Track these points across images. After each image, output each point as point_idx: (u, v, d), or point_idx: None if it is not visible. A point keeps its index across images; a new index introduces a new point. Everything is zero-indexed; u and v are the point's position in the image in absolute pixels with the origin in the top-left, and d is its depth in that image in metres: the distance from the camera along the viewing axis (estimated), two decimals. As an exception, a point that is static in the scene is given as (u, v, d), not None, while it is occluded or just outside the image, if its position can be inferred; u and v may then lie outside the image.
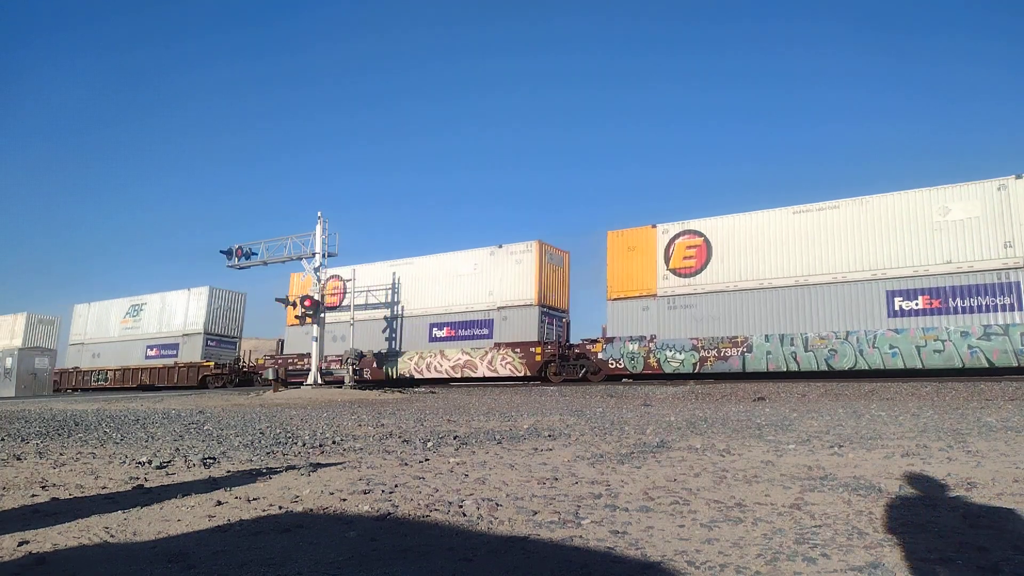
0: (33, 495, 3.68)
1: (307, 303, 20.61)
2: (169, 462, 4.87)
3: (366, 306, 24.28)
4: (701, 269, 18.68)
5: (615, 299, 19.70)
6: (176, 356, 29.72)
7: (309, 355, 22.36)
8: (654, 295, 19.16)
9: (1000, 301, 15.26)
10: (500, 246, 22.53)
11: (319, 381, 20.54)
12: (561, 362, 20.37)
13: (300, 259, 22.00)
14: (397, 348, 23.52)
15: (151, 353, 31.11)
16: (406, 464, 4.62)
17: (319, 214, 21.31)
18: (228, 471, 4.43)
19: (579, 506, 3.14)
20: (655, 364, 18.64)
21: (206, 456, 5.10)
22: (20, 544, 2.58)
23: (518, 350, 21.19)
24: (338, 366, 22.83)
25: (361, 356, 22.47)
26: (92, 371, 32.78)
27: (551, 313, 22.25)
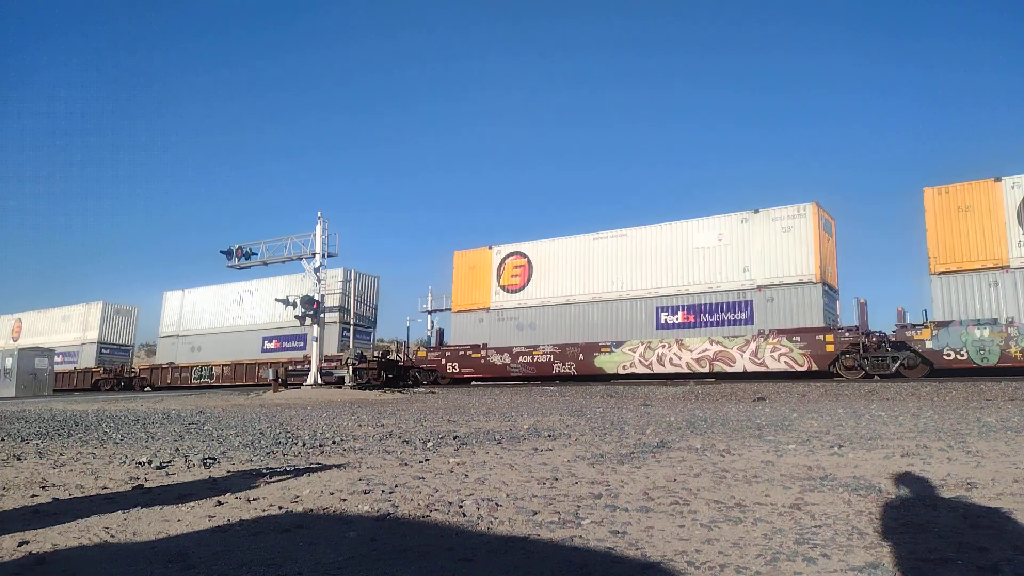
0: (33, 495, 3.67)
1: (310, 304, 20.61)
2: (169, 462, 4.87)
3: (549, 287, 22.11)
4: None
5: (944, 272, 15.76)
6: (304, 348, 25.24)
7: (482, 345, 22.06)
8: (1006, 267, 15.17)
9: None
10: (757, 211, 18.79)
11: (319, 381, 20.54)
12: (863, 352, 16.61)
13: (300, 259, 22.00)
14: (608, 337, 20.51)
15: (269, 346, 27.29)
16: (406, 464, 4.62)
17: (319, 214, 21.33)
18: (228, 471, 4.43)
19: (579, 506, 3.13)
20: (1019, 355, 14.61)
21: (206, 456, 5.10)
22: (20, 544, 2.58)
23: (797, 338, 17.38)
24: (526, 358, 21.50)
25: (362, 357, 22.47)
26: (193, 366, 29.54)
27: (830, 293, 18.56)
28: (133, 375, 32.65)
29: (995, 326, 14.89)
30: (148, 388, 30.70)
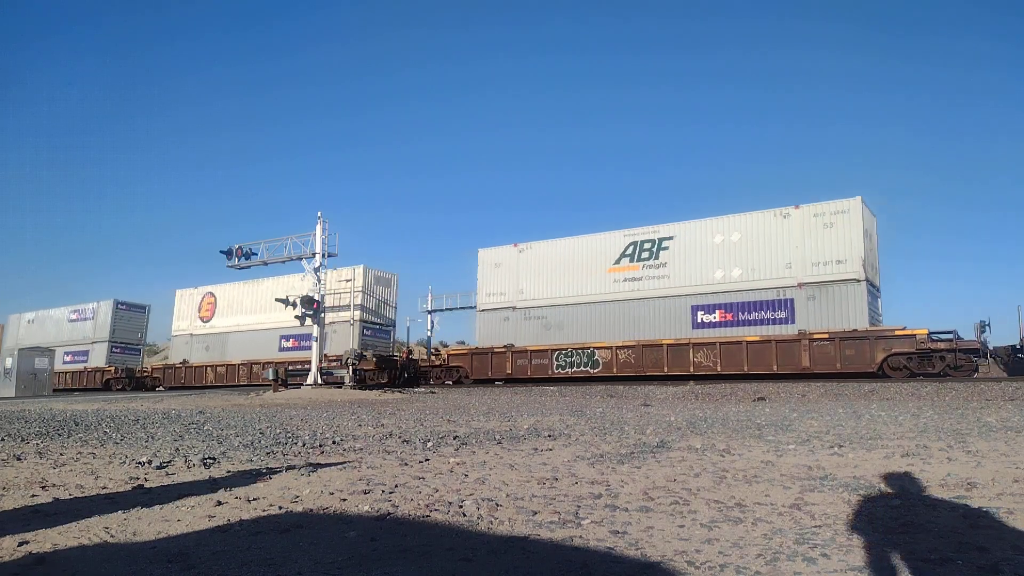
0: (33, 495, 3.67)
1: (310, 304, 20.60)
2: (169, 462, 4.87)
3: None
4: None
5: None
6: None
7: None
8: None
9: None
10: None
11: (319, 381, 20.54)
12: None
13: (300, 259, 21.99)
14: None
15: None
16: (406, 464, 4.62)
17: (319, 214, 21.28)
18: (228, 471, 4.43)
19: (579, 506, 3.13)
20: None
21: (206, 456, 5.10)
22: (20, 544, 2.58)
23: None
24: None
25: (361, 356, 22.46)
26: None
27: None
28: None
29: None
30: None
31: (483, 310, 23.37)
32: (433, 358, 24.94)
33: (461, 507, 3.15)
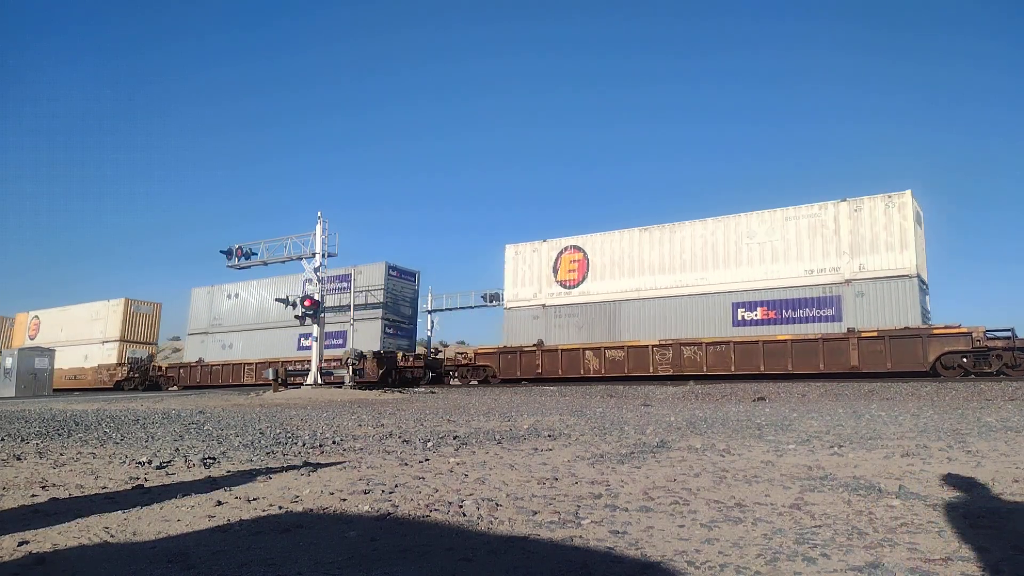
0: (33, 495, 3.67)
1: (307, 303, 20.59)
2: (169, 462, 4.87)
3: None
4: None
5: None
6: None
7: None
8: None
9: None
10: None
11: (319, 381, 20.53)
12: None
13: (300, 259, 21.98)
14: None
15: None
16: (406, 464, 4.62)
17: (319, 214, 21.26)
18: (228, 471, 4.43)
19: (579, 506, 3.14)
20: None
21: (206, 456, 5.10)
22: (20, 544, 2.58)
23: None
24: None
25: (361, 356, 22.44)
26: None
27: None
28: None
29: None
30: (175, 388, 29.70)
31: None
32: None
33: (461, 507, 3.15)
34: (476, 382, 22.62)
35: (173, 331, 48.63)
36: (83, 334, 33.80)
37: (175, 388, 29.73)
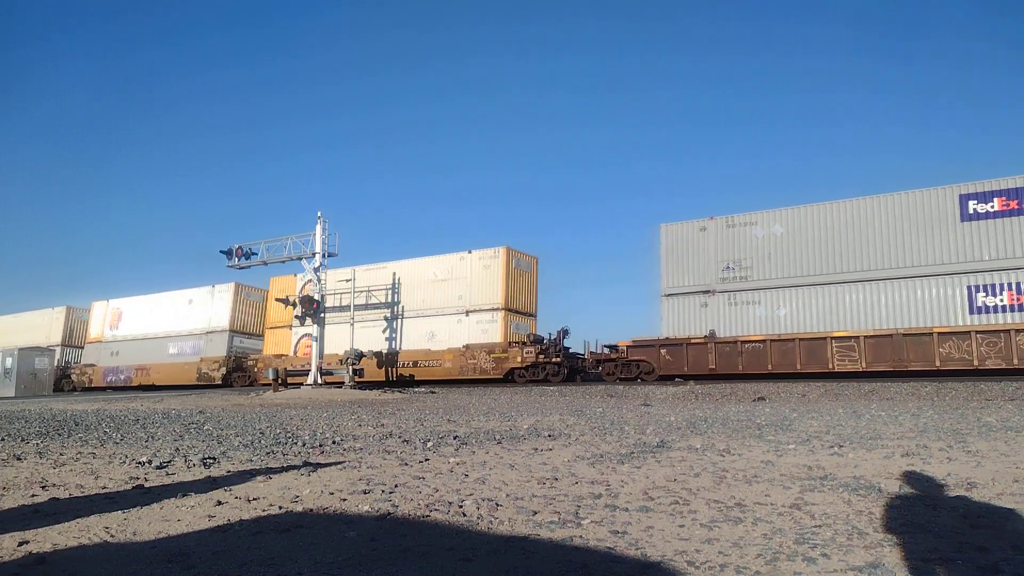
0: (33, 495, 3.68)
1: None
2: (169, 462, 4.87)
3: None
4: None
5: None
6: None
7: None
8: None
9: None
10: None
11: (319, 381, 20.54)
12: None
13: (300, 259, 21.98)
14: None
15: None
16: (406, 464, 4.62)
17: (319, 214, 21.26)
18: (228, 471, 4.43)
19: (579, 506, 3.14)
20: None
21: (206, 456, 5.10)
22: (20, 544, 2.58)
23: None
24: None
25: (361, 356, 22.45)
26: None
27: None
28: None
29: None
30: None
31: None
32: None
33: (461, 507, 3.15)
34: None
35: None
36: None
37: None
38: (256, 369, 26.73)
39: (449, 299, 22.82)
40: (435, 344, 22.72)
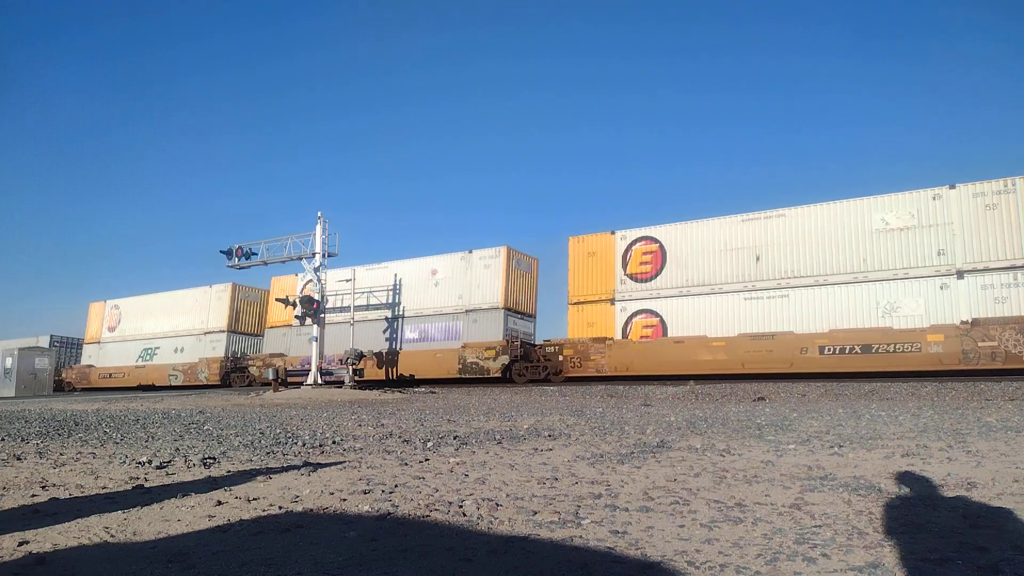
0: (33, 495, 3.68)
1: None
2: (169, 462, 4.87)
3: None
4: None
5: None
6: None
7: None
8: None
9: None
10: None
11: (319, 381, 20.54)
12: None
13: (300, 259, 21.99)
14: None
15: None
16: (406, 464, 4.62)
17: (319, 214, 21.26)
18: (228, 471, 4.43)
19: (579, 506, 3.14)
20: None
21: (206, 456, 5.10)
22: (20, 544, 2.58)
23: None
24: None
25: (360, 356, 22.44)
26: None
27: None
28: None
29: None
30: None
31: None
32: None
33: (461, 507, 3.15)
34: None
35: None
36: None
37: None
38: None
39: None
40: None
